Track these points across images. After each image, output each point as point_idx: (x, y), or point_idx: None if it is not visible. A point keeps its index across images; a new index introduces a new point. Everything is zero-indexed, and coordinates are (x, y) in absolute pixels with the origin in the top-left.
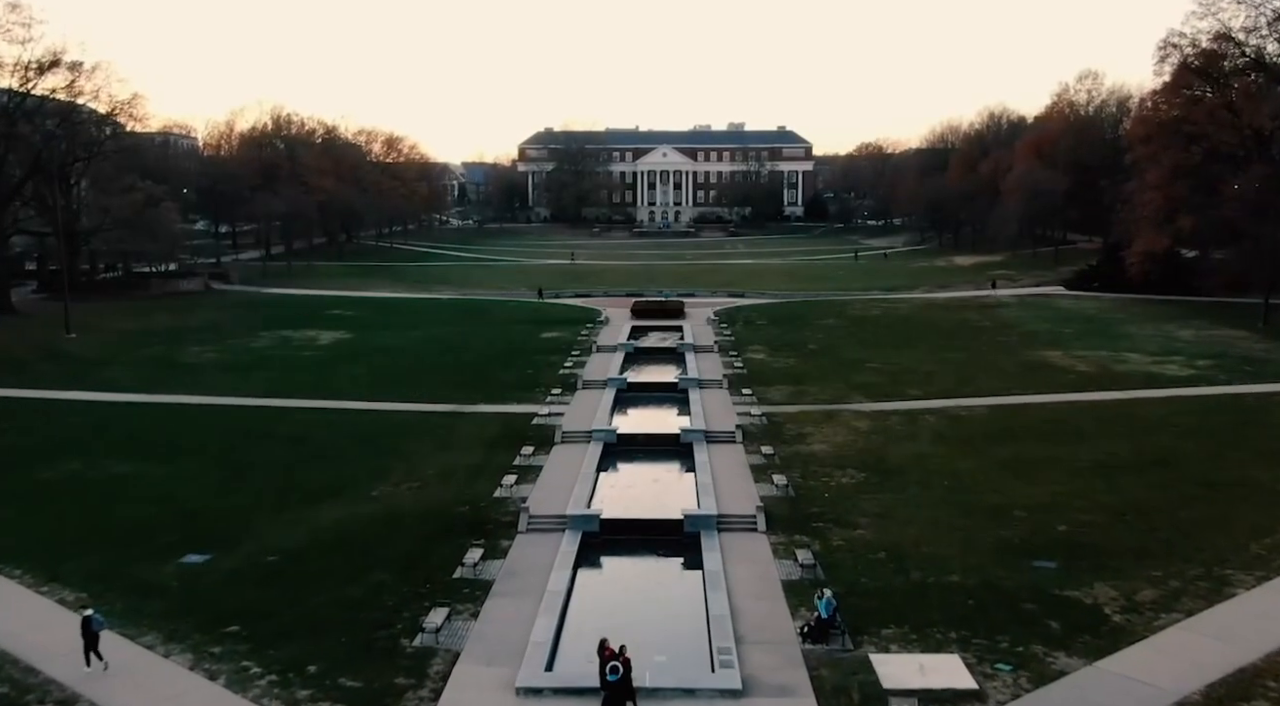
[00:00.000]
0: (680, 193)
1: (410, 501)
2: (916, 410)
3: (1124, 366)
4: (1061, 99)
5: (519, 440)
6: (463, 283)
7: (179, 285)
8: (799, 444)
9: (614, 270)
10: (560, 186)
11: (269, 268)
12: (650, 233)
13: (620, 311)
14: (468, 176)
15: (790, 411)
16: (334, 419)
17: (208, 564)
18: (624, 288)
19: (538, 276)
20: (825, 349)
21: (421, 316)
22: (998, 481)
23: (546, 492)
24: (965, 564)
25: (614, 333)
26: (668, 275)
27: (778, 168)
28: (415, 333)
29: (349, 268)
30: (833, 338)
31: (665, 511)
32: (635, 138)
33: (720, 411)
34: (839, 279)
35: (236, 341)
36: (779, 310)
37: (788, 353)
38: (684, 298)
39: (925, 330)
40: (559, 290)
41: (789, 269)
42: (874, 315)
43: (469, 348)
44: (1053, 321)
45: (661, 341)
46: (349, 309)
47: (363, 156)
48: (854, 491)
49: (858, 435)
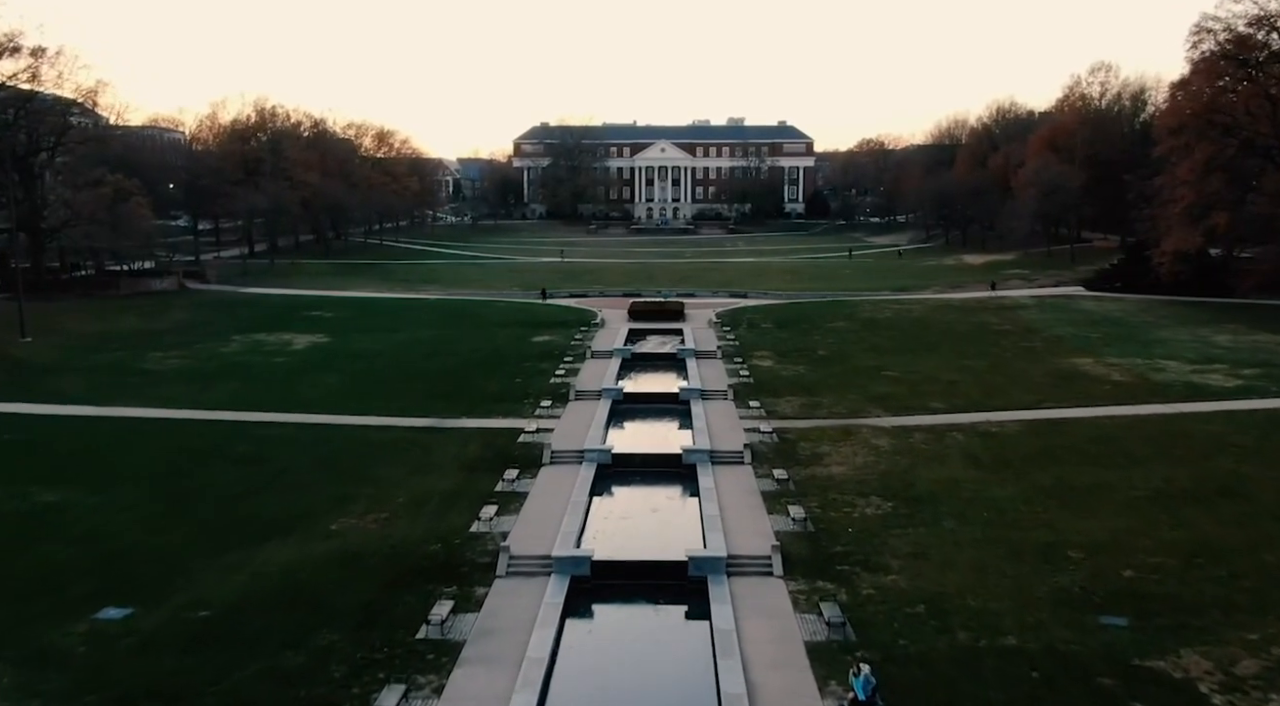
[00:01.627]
0: (679, 189)
1: (374, 537)
2: (942, 426)
3: (1162, 375)
4: (1073, 92)
5: (502, 461)
6: (452, 282)
7: (150, 284)
8: (815, 466)
9: (611, 268)
10: (556, 182)
11: (250, 266)
12: (648, 229)
13: (617, 313)
14: (463, 172)
15: (803, 427)
16: (298, 436)
17: (126, 621)
18: (621, 287)
19: (531, 275)
20: (837, 355)
21: (405, 318)
22: (1044, 513)
23: (530, 527)
24: (1021, 621)
25: (610, 336)
26: (666, 274)
27: (778, 163)
28: (397, 336)
29: (335, 266)
30: (844, 342)
31: (666, 550)
32: (633, 133)
33: (726, 427)
34: (845, 278)
35: (204, 346)
36: (784, 312)
37: (797, 359)
38: (684, 298)
39: (942, 334)
40: (552, 290)
41: (792, 267)
42: (886, 318)
43: (453, 353)
44: (1077, 324)
45: (661, 346)
46: (329, 310)
47: (352, 151)
48: (881, 525)
49: (879, 455)
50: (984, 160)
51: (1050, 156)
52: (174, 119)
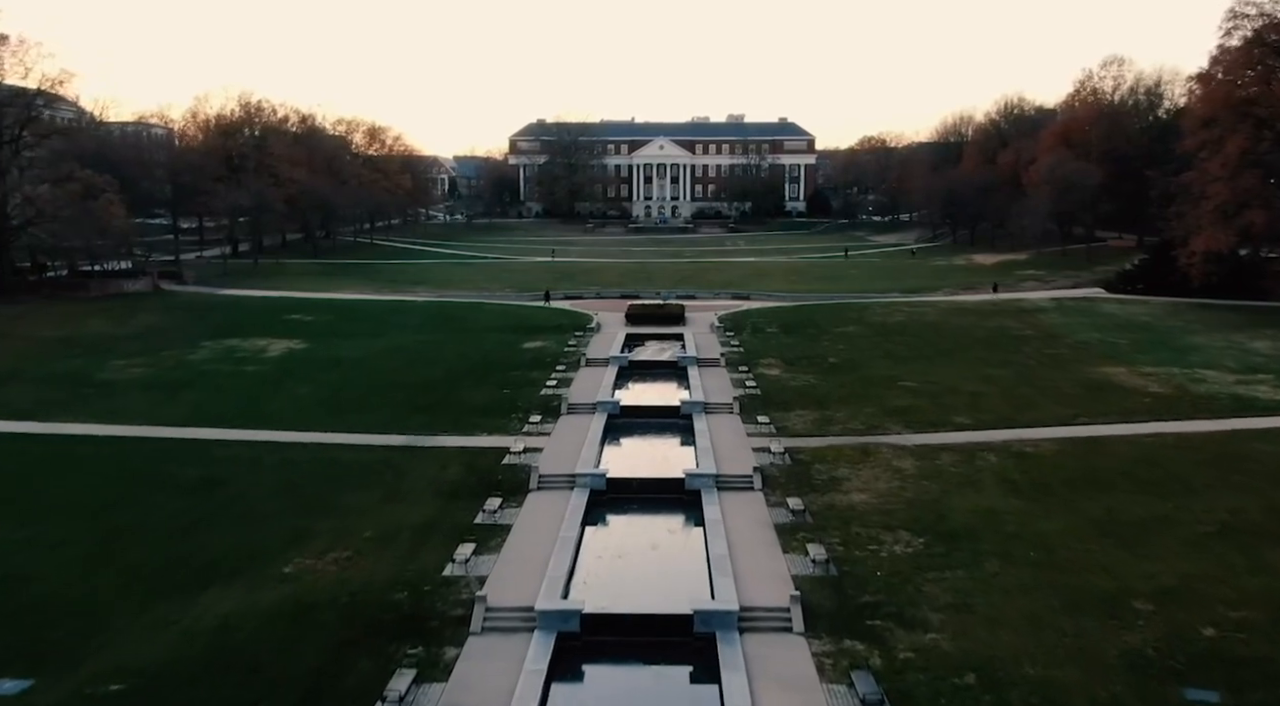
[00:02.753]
0: (678, 187)
1: (331, 583)
2: (971, 445)
3: (1204, 386)
4: (1084, 86)
5: (485, 487)
6: (443, 283)
7: (123, 285)
8: (833, 493)
9: (608, 268)
10: (552, 180)
11: (231, 266)
12: (646, 228)
13: (614, 315)
14: (459, 170)
15: (817, 446)
16: (261, 455)
17: (19, 699)
18: (618, 288)
19: (525, 275)
20: (849, 363)
21: (390, 323)
22: (1099, 552)
23: (512, 569)
24: (1092, 696)
25: (606, 342)
26: (665, 274)
27: (779, 161)
28: (379, 342)
29: (321, 266)
30: (855, 349)
31: (669, 599)
32: (631, 130)
33: (732, 446)
34: (851, 279)
35: (171, 352)
36: (790, 315)
37: (806, 367)
38: (684, 299)
39: (960, 340)
40: (552, 292)
41: (795, 268)
42: (898, 322)
43: (438, 361)
44: (1102, 329)
45: (660, 353)
46: (310, 313)
47: (342, 147)
48: (914, 566)
49: (904, 480)
50: (993, 157)
51: (1064, 152)
52: (164, 115)
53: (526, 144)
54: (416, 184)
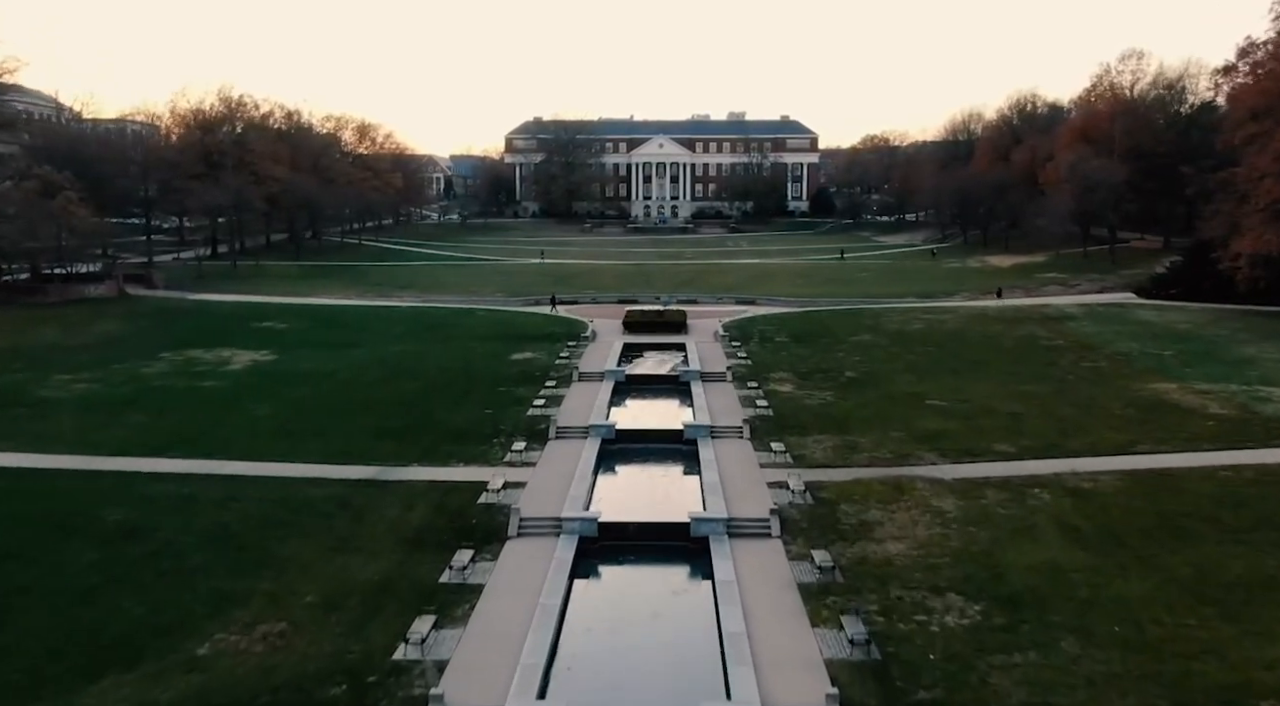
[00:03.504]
0: (677, 186)
1: (253, 671)
2: (1018, 479)
3: (1272, 406)
4: (1102, 81)
5: (455, 532)
6: (430, 287)
7: (85, 290)
8: (865, 541)
9: (605, 271)
10: (549, 179)
11: (208, 268)
12: (646, 228)
13: (610, 323)
14: (455, 169)
15: (841, 479)
16: (198, 493)
17: None
18: (616, 292)
19: (519, 278)
20: (869, 377)
21: (369, 331)
22: (1199, 628)
23: (479, 651)
24: None
25: (601, 353)
26: (665, 277)
27: (781, 160)
28: (355, 353)
29: (304, 268)
30: (874, 361)
31: (673, 694)
32: (630, 128)
33: (744, 480)
34: (862, 282)
35: (125, 365)
36: (800, 322)
37: (822, 382)
38: (685, 304)
39: (987, 350)
40: (539, 296)
41: (801, 270)
42: (917, 330)
43: (416, 375)
44: (1141, 339)
45: (660, 365)
46: (284, 320)
47: (330, 145)
48: (974, 647)
49: (946, 524)
50: (1006, 154)
51: (1084, 149)
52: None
53: (523, 142)
54: (409, 183)
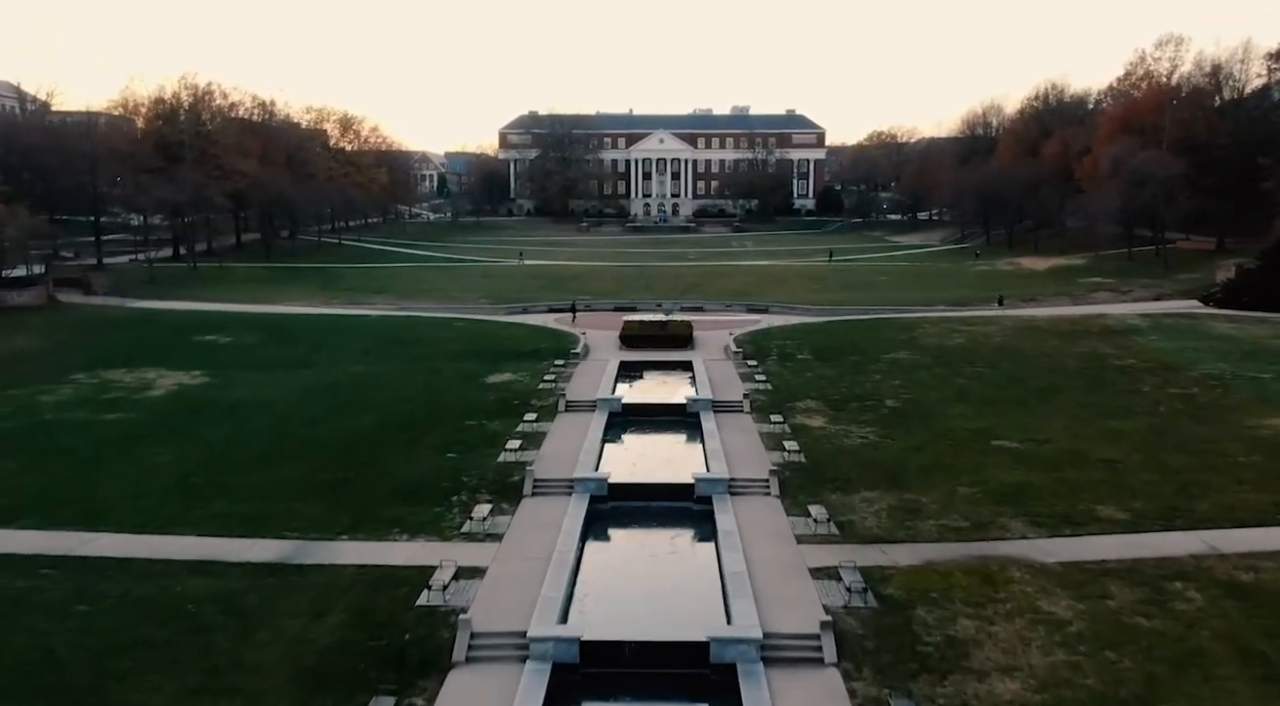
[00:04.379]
0: (679, 183)
1: None
2: (1147, 563)
3: None
4: (1137, 69)
5: (377, 662)
6: (408, 292)
7: (9, 298)
8: (959, 674)
9: (602, 274)
10: (544, 176)
11: (164, 271)
12: (645, 227)
13: (606, 335)
14: (450, 167)
15: (908, 565)
16: (35, 590)
17: None
18: (612, 297)
19: (507, 281)
20: (915, 408)
21: (326, 347)
22: None
23: None
24: None
25: (593, 376)
26: (667, 280)
27: (787, 155)
28: (303, 376)
29: (273, 271)
30: (916, 384)
31: None
32: (629, 122)
33: (778, 567)
34: (882, 287)
35: (23, 390)
36: (822, 336)
37: (859, 414)
38: (690, 313)
39: (1050, 372)
40: (527, 303)
41: (814, 273)
42: (958, 345)
43: (370, 405)
44: (1231, 359)
45: (663, 390)
46: (233, 333)
47: (308, 138)
48: None
49: (1069, 644)
50: (1033, 148)
51: (1127, 141)
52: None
53: (517, 137)
54: (397, 180)
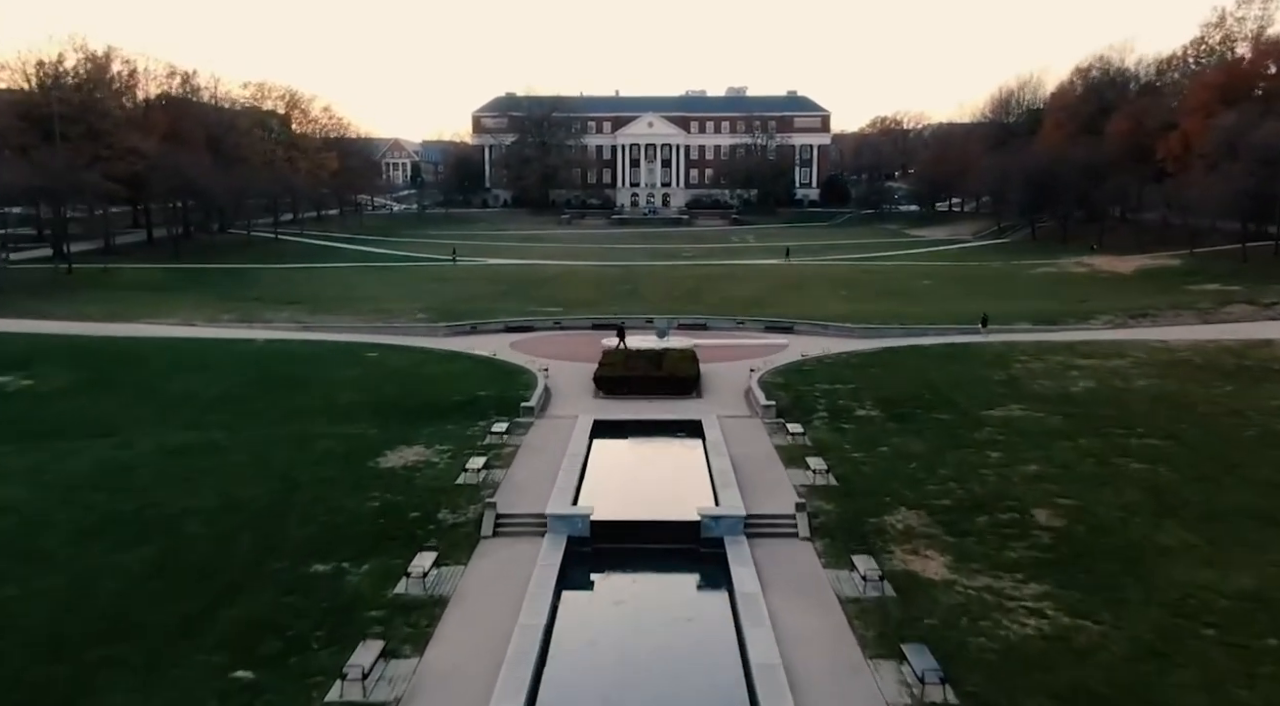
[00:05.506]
0: (669, 171)
1: None
2: None
3: None
4: (1212, 33)
5: None
6: (331, 302)
7: None
8: None
9: (580, 277)
10: (521, 162)
11: (18, 278)
12: (633, 220)
13: (575, 373)
14: (425, 156)
15: None
16: None
17: None
18: (590, 310)
19: (462, 287)
20: (1090, 530)
21: (162, 394)
22: None
23: None
24: None
25: (549, 452)
26: (659, 285)
27: (789, 141)
28: (92, 451)
29: (171, 274)
30: (1065, 471)
31: None
32: (615, 104)
33: None
34: (928, 294)
35: None
36: (882, 371)
37: (999, 547)
38: (691, 330)
39: (1263, 445)
40: (479, 320)
41: (839, 275)
42: (1087, 391)
43: (164, 519)
44: None
45: (659, 486)
46: (39, 371)
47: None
48: None
49: None
50: (1089, 126)
51: (1227, 113)
52: None
53: (492, 121)
54: (352, 166)
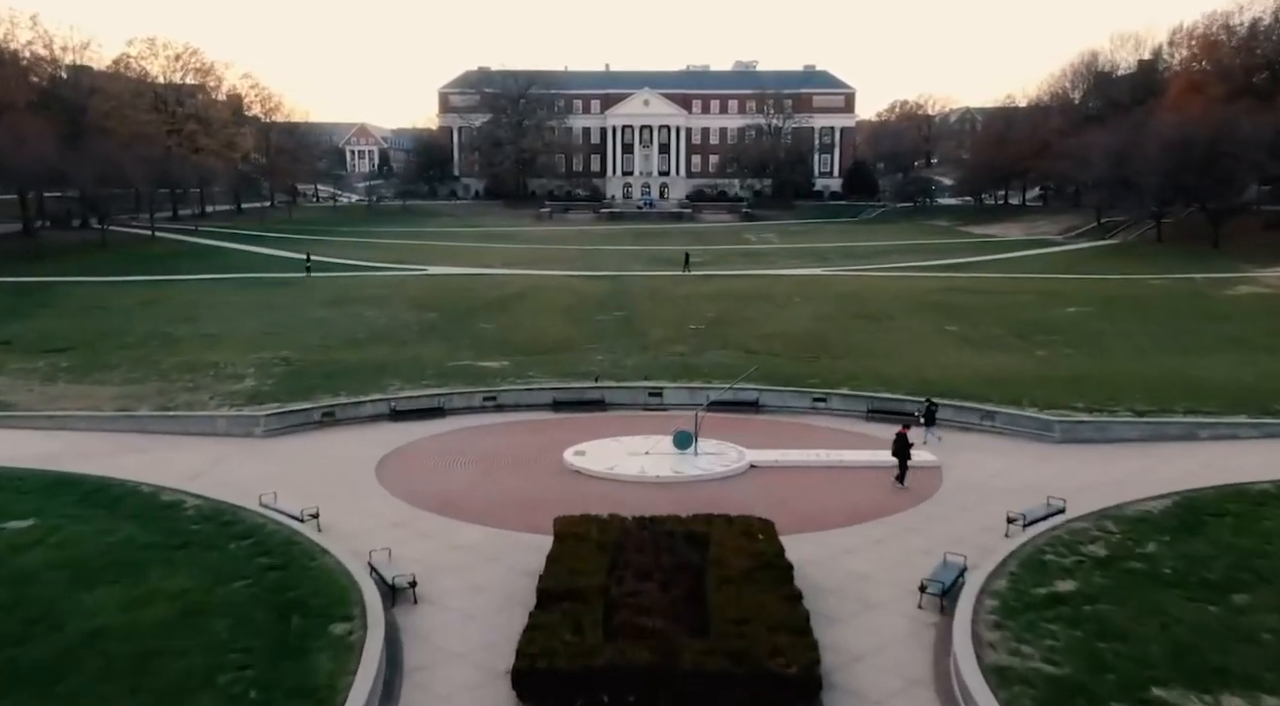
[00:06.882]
0: (668, 157)
1: None
2: None
3: None
4: None
5: None
6: (118, 348)
7: None
8: None
9: (550, 297)
10: (494, 146)
11: None
12: (626, 214)
13: (491, 578)
14: (394, 143)
15: None
16: None
17: None
18: (554, 363)
19: (372, 319)
20: None
21: None
22: None
23: None
24: None
25: None
26: (664, 314)
27: (807, 122)
28: None
29: None
30: None
31: None
32: (604, 80)
33: None
34: (1083, 334)
35: None
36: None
37: None
38: (732, 413)
39: None
40: (343, 400)
41: (929, 298)
42: None
43: None
44: None
45: None
46: None
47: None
48: None
49: None
50: (1242, 89)
51: None
52: None
53: (462, 99)
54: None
